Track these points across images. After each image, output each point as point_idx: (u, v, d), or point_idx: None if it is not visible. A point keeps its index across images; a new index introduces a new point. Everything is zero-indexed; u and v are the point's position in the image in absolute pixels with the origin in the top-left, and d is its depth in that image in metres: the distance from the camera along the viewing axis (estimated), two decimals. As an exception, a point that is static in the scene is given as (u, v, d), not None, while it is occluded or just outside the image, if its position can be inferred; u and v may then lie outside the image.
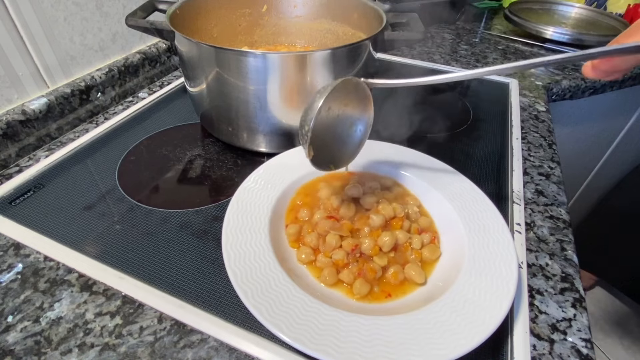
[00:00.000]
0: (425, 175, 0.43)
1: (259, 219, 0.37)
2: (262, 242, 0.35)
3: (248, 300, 0.30)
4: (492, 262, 0.34)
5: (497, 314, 0.30)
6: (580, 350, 0.32)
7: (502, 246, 0.35)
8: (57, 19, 0.54)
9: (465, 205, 0.39)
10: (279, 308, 0.30)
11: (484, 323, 0.29)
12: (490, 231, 0.37)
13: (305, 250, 0.36)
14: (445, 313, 0.30)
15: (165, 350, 0.31)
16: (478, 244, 0.36)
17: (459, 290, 0.32)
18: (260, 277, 0.32)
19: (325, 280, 0.34)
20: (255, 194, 0.40)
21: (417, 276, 0.35)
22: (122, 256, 0.38)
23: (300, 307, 0.30)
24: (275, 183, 0.42)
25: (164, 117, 0.59)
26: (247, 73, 0.42)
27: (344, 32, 0.60)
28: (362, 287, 0.33)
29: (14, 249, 0.39)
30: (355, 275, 0.34)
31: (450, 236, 0.38)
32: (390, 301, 0.33)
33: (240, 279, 0.32)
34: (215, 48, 0.42)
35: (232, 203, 0.39)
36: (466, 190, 0.41)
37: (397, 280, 0.34)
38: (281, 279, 0.32)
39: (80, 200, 0.44)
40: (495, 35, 0.95)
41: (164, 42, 0.70)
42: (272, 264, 0.33)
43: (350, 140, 0.38)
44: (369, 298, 0.34)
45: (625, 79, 0.81)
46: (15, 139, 0.50)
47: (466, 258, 0.35)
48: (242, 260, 0.33)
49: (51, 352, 0.31)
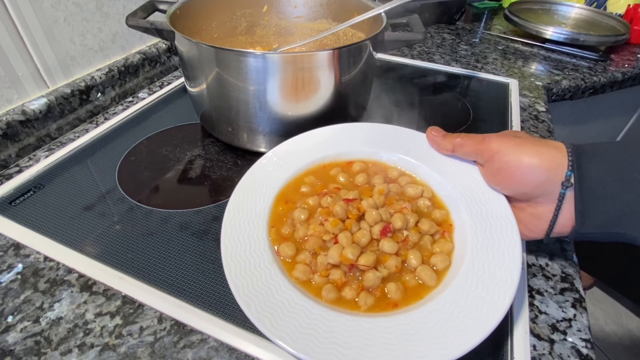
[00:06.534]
0: (434, 160, 0.40)
1: (257, 224, 0.36)
2: (261, 250, 0.34)
3: (250, 312, 0.29)
4: (496, 250, 0.32)
5: (500, 305, 0.29)
6: (580, 351, 0.32)
7: (506, 231, 0.33)
8: (57, 19, 0.54)
9: (467, 190, 0.37)
10: (282, 318, 0.29)
11: (487, 317, 0.28)
12: (493, 216, 0.35)
13: (300, 268, 0.33)
14: (449, 309, 0.29)
15: (165, 351, 0.31)
16: (481, 231, 0.34)
17: (461, 285, 0.31)
18: (262, 287, 0.31)
19: (327, 299, 0.32)
20: (252, 195, 0.38)
21: (428, 278, 0.32)
22: (122, 256, 0.38)
23: (303, 315, 0.29)
24: (276, 177, 0.40)
25: (164, 117, 0.59)
26: (247, 73, 0.42)
27: (344, 32, 0.60)
28: (367, 298, 0.31)
29: (14, 249, 0.39)
30: (358, 291, 0.32)
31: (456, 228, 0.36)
32: (397, 310, 0.31)
33: (242, 290, 0.30)
34: (215, 48, 0.42)
35: (228, 210, 0.37)
36: (475, 179, 0.38)
37: (401, 292, 0.32)
38: (283, 288, 0.31)
39: (80, 201, 0.44)
40: (495, 35, 0.95)
41: (164, 42, 0.70)
42: (272, 273, 0.32)
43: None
44: (376, 309, 0.31)
45: (625, 79, 0.81)
46: (15, 139, 0.50)
47: (469, 248, 0.33)
48: (243, 271, 0.32)
49: (51, 352, 0.31)
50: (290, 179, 0.40)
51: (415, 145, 0.42)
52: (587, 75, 0.78)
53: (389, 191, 0.39)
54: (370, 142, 0.43)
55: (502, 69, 0.78)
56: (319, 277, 0.32)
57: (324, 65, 0.43)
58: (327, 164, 0.42)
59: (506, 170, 0.33)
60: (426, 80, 0.73)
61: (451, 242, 0.35)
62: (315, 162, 0.42)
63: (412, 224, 0.36)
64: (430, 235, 0.36)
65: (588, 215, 0.30)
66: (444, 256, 0.34)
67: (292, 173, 0.40)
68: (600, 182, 0.30)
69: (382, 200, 0.38)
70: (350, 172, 0.41)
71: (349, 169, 0.42)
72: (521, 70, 0.78)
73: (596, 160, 0.30)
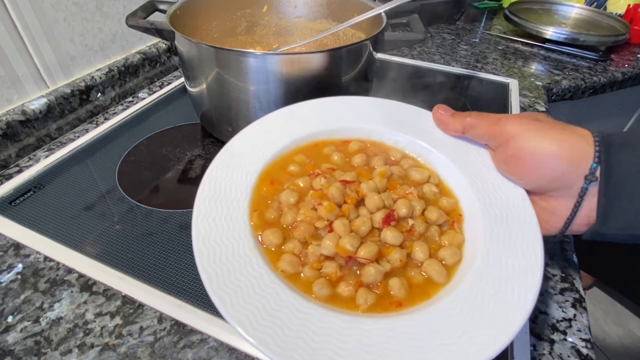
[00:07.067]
0: (442, 142, 0.36)
1: (236, 205, 0.31)
2: (241, 235, 0.29)
3: (226, 308, 0.25)
4: (513, 243, 0.29)
5: (522, 306, 0.25)
6: (580, 351, 0.32)
7: (523, 222, 0.30)
8: (57, 19, 0.54)
9: (479, 177, 0.33)
10: (264, 317, 0.25)
11: (508, 319, 0.25)
12: (508, 206, 0.31)
13: (287, 258, 0.28)
14: (462, 310, 0.25)
15: (165, 351, 0.31)
16: (495, 223, 0.30)
17: (475, 282, 0.27)
18: (241, 279, 0.26)
19: (318, 296, 0.27)
20: (231, 170, 0.33)
21: (438, 274, 0.28)
22: (122, 256, 0.38)
23: (290, 314, 0.25)
24: (262, 149, 0.35)
25: (164, 117, 0.59)
26: (247, 73, 0.42)
27: (344, 32, 0.60)
28: (368, 296, 0.27)
29: (14, 249, 0.39)
30: (356, 287, 0.28)
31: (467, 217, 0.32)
32: (402, 310, 0.27)
33: (216, 282, 0.26)
34: (215, 48, 0.42)
35: (202, 186, 0.32)
36: (486, 165, 0.34)
37: (405, 289, 0.28)
38: (266, 280, 0.27)
39: (80, 201, 0.44)
40: (495, 35, 0.95)
41: (164, 42, 0.70)
42: (254, 262, 0.28)
43: None
44: (377, 309, 0.27)
45: (625, 79, 0.81)
46: (15, 139, 0.50)
47: (482, 241, 0.29)
48: (218, 259, 0.27)
49: (51, 352, 0.31)
50: (277, 156, 0.35)
51: (421, 124, 0.38)
52: (587, 75, 0.78)
53: (391, 174, 0.34)
54: (369, 119, 0.38)
55: (502, 69, 0.78)
56: (309, 270, 0.28)
57: (324, 66, 0.43)
58: (319, 141, 0.37)
59: (521, 157, 0.29)
60: (426, 80, 0.73)
61: (461, 234, 0.31)
62: (307, 136, 0.37)
63: (419, 212, 0.32)
64: (437, 226, 0.32)
65: (612, 214, 0.27)
66: (454, 249, 0.30)
67: (280, 148, 0.35)
68: (629, 178, 0.26)
69: (384, 183, 0.33)
70: (347, 151, 0.37)
71: (345, 149, 0.37)
72: (521, 70, 0.78)
73: (626, 152, 0.26)
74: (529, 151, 0.28)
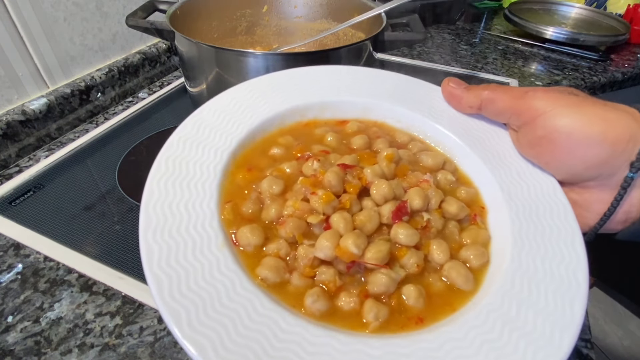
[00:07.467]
0: (455, 122, 0.30)
1: (202, 188, 0.25)
2: (206, 226, 0.23)
3: (181, 328, 0.18)
4: (547, 241, 0.24)
5: (569, 320, 0.20)
6: (580, 351, 0.32)
7: (557, 216, 0.25)
8: (57, 19, 0.54)
9: (501, 162, 0.28)
10: (235, 339, 0.18)
11: (552, 337, 0.20)
12: (538, 196, 0.26)
13: (270, 263, 0.22)
14: (494, 326, 0.20)
15: (165, 351, 0.31)
16: (524, 216, 0.25)
17: (507, 289, 0.22)
18: (204, 287, 0.20)
19: (311, 310, 0.21)
20: (196, 147, 0.27)
21: (463, 280, 0.23)
22: (122, 256, 0.38)
23: (270, 334, 0.19)
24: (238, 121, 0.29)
25: (164, 117, 0.59)
26: (247, 73, 0.42)
27: (344, 32, 0.60)
28: (379, 311, 0.21)
29: (14, 249, 0.39)
30: (361, 299, 0.22)
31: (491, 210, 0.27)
32: (422, 328, 0.21)
33: (168, 290, 0.19)
34: (215, 48, 0.42)
35: (158, 164, 0.25)
36: (508, 148, 0.29)
37: (423, 300, 0.23)
38: (238, 287, 0.21)
39: (80, 201, 0.44)
40: (495, 35, 0.95)
41: (164, 42, 0.70)
42: (223, 263, 0.21)
43: None
44: (391, 327, 0.21)
45: (625, 79, 0.81)
46: (15, 139, 0.50)
47: (510, 239, 0.24)
48: (173, 259, 0.21)
49: (51, 352, 0.31)
50: (257, 133, 0.29)
51: (430, 101, 0.32)
52: (587, 75, 0.78)
53: (399, 158, 0.28)
54: (368, 92, 0.32)
55: (502, 69, 0.78)
56: (299, 279, 0.22)
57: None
58: (310, 120, 0.31)
59: (552, 139, 0.24)
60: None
61: (486, 230, 0.26)
62: (292, 110, 0.30)
63: (435, 205, 0.26)
64: (456, 221, 0.26)
65: None
66: (480, 249, 0.25)
67: (260, 122, 0.29)
68: None
69: (392, 169, 0.27)
70: (344, 132, 0.31)
71: (342, 129, 0.31)
72: (521, 70, 0.78)
73: None
74: (563, 131, 0.24)
